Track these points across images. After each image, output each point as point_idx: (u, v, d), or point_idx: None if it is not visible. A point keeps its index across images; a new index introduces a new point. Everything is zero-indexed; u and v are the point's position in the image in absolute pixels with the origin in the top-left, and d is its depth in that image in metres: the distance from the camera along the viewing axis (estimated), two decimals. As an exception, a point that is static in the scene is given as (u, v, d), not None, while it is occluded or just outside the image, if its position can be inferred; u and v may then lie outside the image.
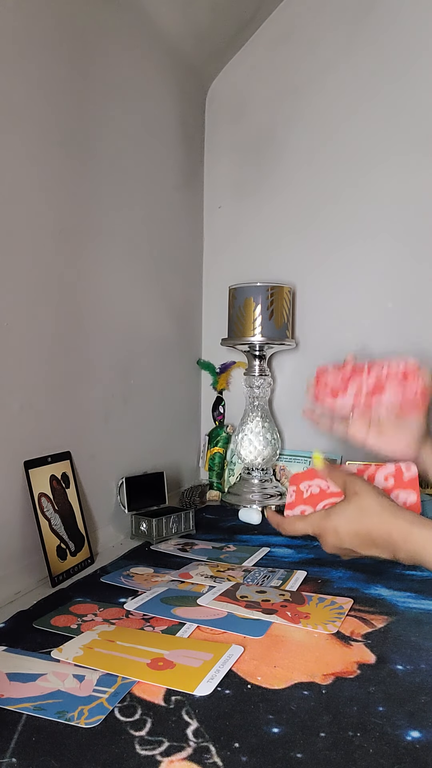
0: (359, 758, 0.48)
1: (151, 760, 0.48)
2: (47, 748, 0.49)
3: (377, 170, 1.32)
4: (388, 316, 1.33)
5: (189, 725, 0.52)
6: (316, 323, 1.40)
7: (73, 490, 0.94)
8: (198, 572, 0.87)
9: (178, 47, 1.28)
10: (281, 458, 1.40)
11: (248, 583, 0.83)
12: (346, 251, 1.36)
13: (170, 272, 1.33)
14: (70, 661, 0.62)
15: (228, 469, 1.44)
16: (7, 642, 0.66)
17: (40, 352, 0.90)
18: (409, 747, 0.49)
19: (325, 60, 1.36)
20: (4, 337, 0.82)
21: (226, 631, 0.69)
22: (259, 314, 1.28)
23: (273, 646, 0.66)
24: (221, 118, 1.48)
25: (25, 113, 0.85)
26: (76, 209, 0.97)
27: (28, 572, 0.84)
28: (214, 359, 1.47)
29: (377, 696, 0.57)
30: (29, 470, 0.85)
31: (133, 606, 0.75)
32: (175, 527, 1.08)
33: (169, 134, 1.31)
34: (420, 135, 1.28)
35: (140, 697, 0.56)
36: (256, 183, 1.45)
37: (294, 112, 1.40)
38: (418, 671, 0.61)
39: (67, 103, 0.94)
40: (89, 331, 1.02)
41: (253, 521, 1.17)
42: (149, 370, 1.23)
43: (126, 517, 1.09)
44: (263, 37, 1.42)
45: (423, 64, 1.27)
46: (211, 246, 1.50)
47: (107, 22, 1.04)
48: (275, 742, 0.50)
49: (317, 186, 1.38)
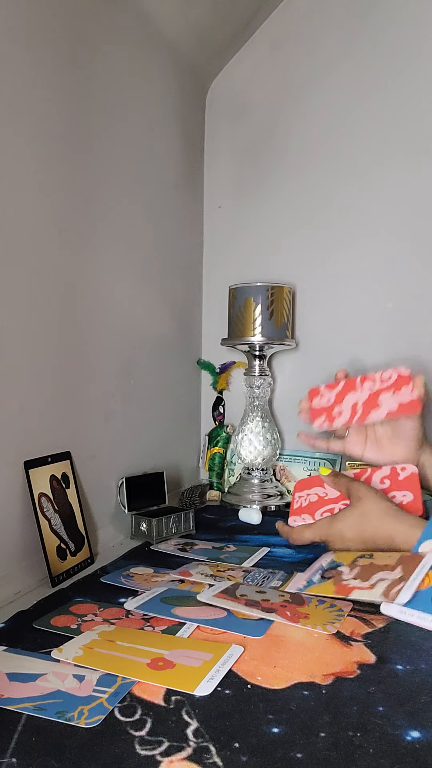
0: (359, 758, 0.48)
1: (151, 760, 0.47)
2: (47, 748, 0.49)
3: (378, 170, 1.32)
4: (388, 317, 1.33)
5: (189, 725, 0.52)
6: (316, 323, 1.40)
7: (73, 490, 0.94)
8: (198, 572, 0.87)
9: (178, 47, 1.28)
10: (281, 458, 1.40)
11: (248, 584, 0.83)
12: (347, 251, 1.36)
13: (170, 272, 1.33)
14: (70, 661, 0.62)
15: (228, 469, 1.44)
16: (7, 642, 0.66)
17: (40, 352, 0.89)
18: (409, 747, 0.49)
19: (325, 60, 1.36)
20: (3, 337, 0.82)
21: (226, 631, 0.69)
22: (259, 314, 1.28)
23: (273, 646, 0.66)
24: (221, 118, 1.48)
25: (24, 113, 0.85)
26: (76, 209, 0.97)
27: (28, 572, 0.84)
28: (214, 359, 1.48)
29: (377, 696, 0.57)
30: (29, 470, 0.85)
31: (133, 606, 0.75)
32: (175, 527, 1.08)
33: (169, 134, 1.31)
34: (420, 135, 1.28)
35: (140, 697, 0.56)
36: (256, 183, 1.45)
37: (294, 112, 1.40)
38: (418, 671, 0.61)
39: (67, 103, 0.94)
40: (89, 331, 1.02)
41: (253, 521, 1.17)
42: (149, 370, 1.23)
43: (126, 517, 1.09)
44: (264, 37, 1.42)
45: (423, 64, 1.27)
46: (211, 246, 1.50)
47: (107, 22, 1.04)
48: (275, 742, 0.50)
49: (317, 186, 1.38)
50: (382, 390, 0.91)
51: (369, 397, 0.91)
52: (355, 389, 0.93)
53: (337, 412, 0.93)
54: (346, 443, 0.95)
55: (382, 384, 0.91)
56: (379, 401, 0.91)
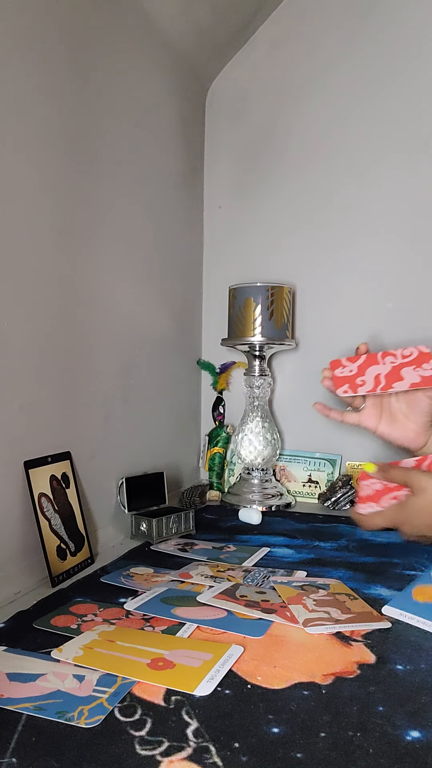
0: (359, 758, 0.48)
1: (151, 760, 0.47)
2: (47, 748, 0.49)
3: (377, 170, 1.32)
4: (388, 317, 1.33)
5: (189, 725, 0.52)
6: (316, 323, 1.40)
7: (73, 490, 0.94)
8: (198, 572, 0.87)
9: (178, 47, 1.28)
10: (281, 458, 1.40)
11: (248, 584, 0.83)
12: (347, 251, 1.36)
13: (170, 272, 1.33)
14: (70, 661, 0.62)
15: (228, 469, 1.44)
16: (7, 642, 0.66)
17: (40, 352, 0.90)
18: (409, 747, 0.49)
19: (325, 60, 1.36)
20: (4, 337, 0.82)
21: (226, 631, 0.69)
22: (259, 314, 1.28)
23: (273, 646, 0.66)
24: (221, 118, 1.48)
25: (24, 113, 0.85)
26: (76, 209, 0.97)
27: (28, 572, 0.84)
28: (214, 359, 1.48)
29: (377, 696, 0.57)
30: (29, 470, 0.85)
31: (133, 606, 0.75)
32: (175, 527, 1.08)
33: (169, 134, 1.31)
34: (420, 134, 1.28)
35: (140, 697, 0.56)
36: (256, 183, 1.45)
37: (294, 112, 1.40)
38: (418, 671, 0.61)
39: (67, 103, 0.94)
40: (89, 331, 1.02)
41: (253, 521, 1.17)
42: (149, 370, 1.23)
43: (126, 517, 1.09)
44: (264, 37, 1.42)
45: (423, 64, 1.27)
46: (211, 246, 1.50)
47: (107, 22, 1.04)
48: (275, 742, 0.50)
49: (317, 186, 1.38)
50: (404, 364, 0.92)
51: (391, 369, 0.92)
52: (377, 363, 0.93)
53: (360, 381, 0.93)
54: (361, 415, 0.96)
55: (403, 360, 0.92)
56: (402, 374, 0.91)
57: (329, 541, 1.05)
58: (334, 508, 1.27)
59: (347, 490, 1.26)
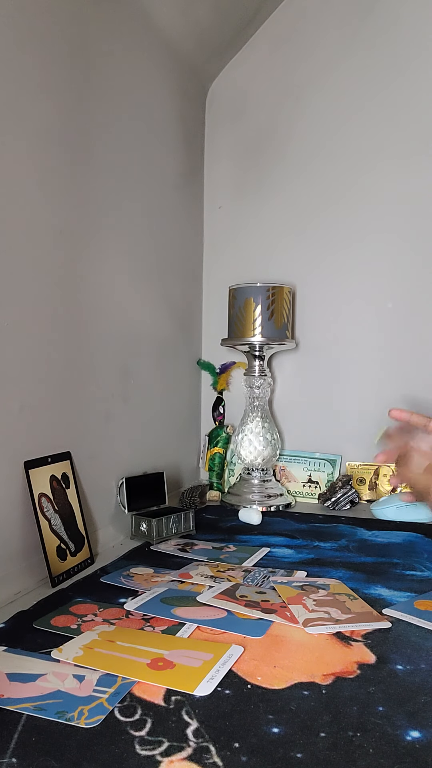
0: (359, 758, 0.48)
1: (151, 760, 0.47)
2: (47, 748, 0.49)
3: (377, 170, 1.32)
4: (388, 316, 1.33)
5: (189, 725, 0.52)
6: (316, 323, 1.40)
7: (73, 490, 0.94)
8: (198, 572, 0.87)
9: (178, 47, 1.28)
10: (281, 458, 1.40)
11: (248, 584, 0.83)
12: (346, 251, 1.36)
13: (170, 272, 1.33)
14: (70, 661, 0.62)
15: (228, 469, 1.44)
16: (7, 642, 0.66)
17: (40, 352, 0.90)
18: (409, 747, 0.49)
19: (325, 60, 1.36)
20: (4, 337, 0.82)
21: (226, 631, 0.69)
22: (259, 314, 1.28)
23: (273, 646, 0.66)
24: (221, 118, 1.48)
25: (25, 114, 0.85)
26: (76, 209, 0.97)
27: (28, 572, 0.84)
28: (214, 359, 1.48)
29: (377, 696, 0.57)
30: (29, 470, 0.85)
31: (133, 606, 0.75)
32: (175, 527, 1.08)
33: (169, 134, 1.31)
34: (420, 135, 1.28)
35: (140, 697, 0.56)
36: (256, 183, 1.45)
37: (294, 112, 1.40)
38: (418, 671, 0.61)
39: (68, 103, 0.94)
40: (89, 331, 1.02)
41: (253, 521, 1.17)
42: (149, 370, 1.23)
43: (126, 517, 1.09)
44: (264, 37, 1.42)
45: (423, 64, 1.27)
46: (211, 246, 1.50)
47: (107, 22, 1.04)
48: (275, 742, 0.50)
49: (317, 186, 1.38)
50: None
51: None
52: None
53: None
54: None
55: None
56: None
57: (329, 542, 1.05)
58: (334, 509, 1.27)
59: (347, 491, 1.26)
